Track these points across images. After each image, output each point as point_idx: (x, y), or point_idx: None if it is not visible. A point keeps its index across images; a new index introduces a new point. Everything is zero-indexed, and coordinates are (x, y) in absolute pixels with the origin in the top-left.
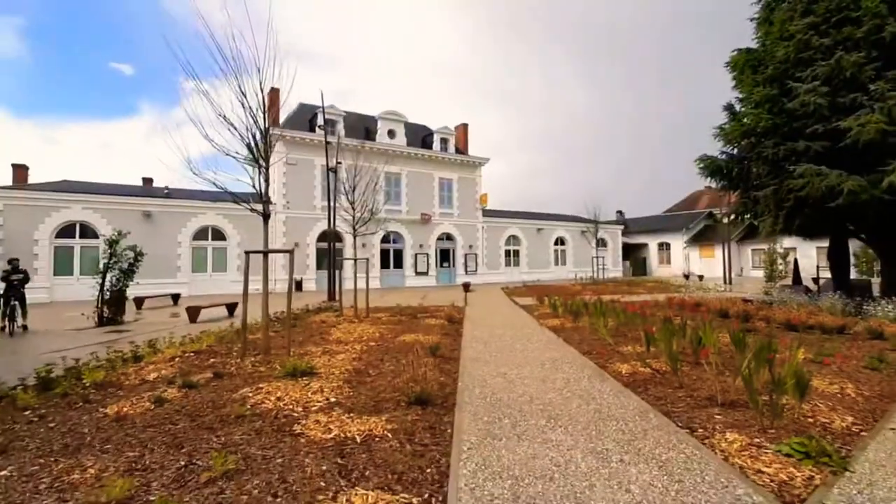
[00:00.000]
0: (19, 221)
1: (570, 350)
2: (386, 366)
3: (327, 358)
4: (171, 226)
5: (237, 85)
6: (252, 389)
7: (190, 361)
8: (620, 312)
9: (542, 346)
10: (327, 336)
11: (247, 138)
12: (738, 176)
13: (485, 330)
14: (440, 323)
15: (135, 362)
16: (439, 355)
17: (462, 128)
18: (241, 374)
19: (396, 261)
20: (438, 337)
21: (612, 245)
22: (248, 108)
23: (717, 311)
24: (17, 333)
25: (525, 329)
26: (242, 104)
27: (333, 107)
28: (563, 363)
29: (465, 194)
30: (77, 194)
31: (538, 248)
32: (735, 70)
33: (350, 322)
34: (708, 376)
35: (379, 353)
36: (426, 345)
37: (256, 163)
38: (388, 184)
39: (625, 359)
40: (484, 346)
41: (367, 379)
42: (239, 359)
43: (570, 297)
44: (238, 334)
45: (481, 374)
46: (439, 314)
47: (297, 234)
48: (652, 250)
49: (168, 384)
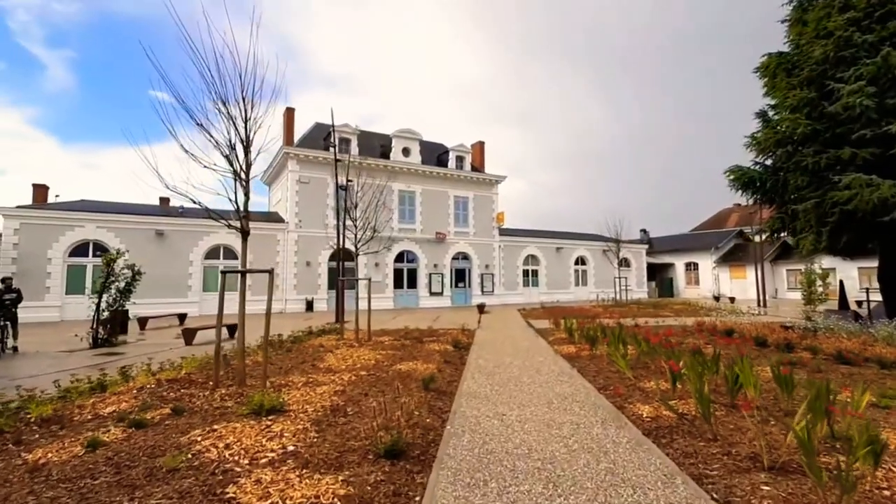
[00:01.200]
0: (34, 240)
1: (584, 384)
2: (368, 402)
3: (307, 391)
4: (183, 245)
5: (216, 92)
6: (204, 432)
7: (158, 393)
8: (642, 340)
9: (552, 379)
10: (319, 363)
11: (226, 149)
12: (774, 188)
13: (492, 357)
14: (445, 349)
15: (100, 392)
16: (433, 389)
17: (478, 146)
18: (203, 409)
19: (410, 281)
20: (438, 365)
21: (635, 265)
22: (228, 116)
23: (753, 338)
24: (6, 356)
25: (536, 357)
26: (220, 110)
27: (347, 125)
28: (574, 402)
29: (481, 213)
30: (91, 213)
31: (557, 267)
32: (766, 75)
33: (349, 346)
34: (748, 426)
35: (367, 385)
36: (422, 375)
37: (237, 176)
38: (403, 202)
39: (646, 397)
40: (486, 378)
41: (340, 420)
42: (210, 391)
43: (590, 321)
44: (224, 360)
45: (476, 415)
46: (446, 338)
47: (310, 252)
48: (679, 270)
49: (118, 422)
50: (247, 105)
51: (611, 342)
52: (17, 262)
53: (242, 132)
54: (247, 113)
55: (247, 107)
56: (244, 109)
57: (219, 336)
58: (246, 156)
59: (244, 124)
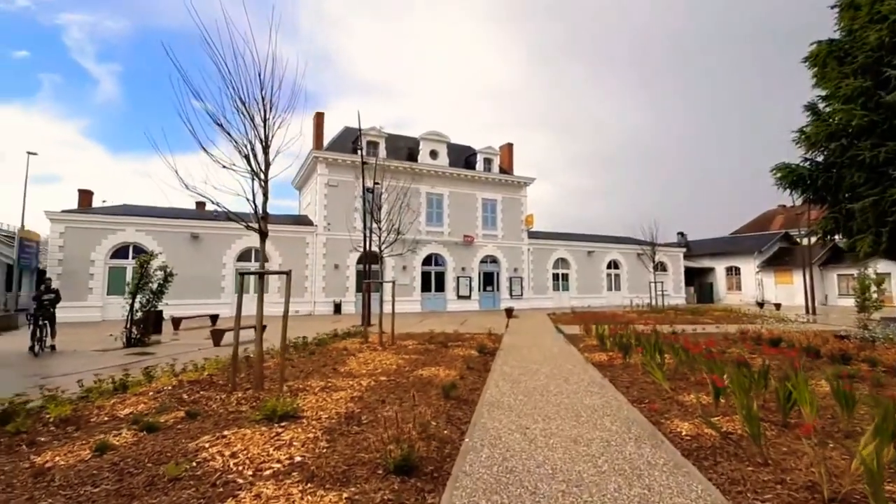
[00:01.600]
0: (78, 243)
1: (616, 396)
2: (385, 410)
3: (323, 396)
4: (216, 247)
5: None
6: (213, 438)
7: (177, 394)
8: (680, 349)
9: (582, 389)
10: (340, 367)
11: (245, 149)
12: (826, 186)
13: (518, 364)
14: (469, 354)
15: (121, 392)
16: (454, 397)
17: (507, 148)
18: (217, 413)
19: (438, 284)
20: (461, 372)
21: (672, 269)
22: (246, 115)
23: (804, 349)
24: (44, 354)
25: (565, 364)
26: (238, 109)
27: (375, 128)
28: (605, 415)
29: (509, 215)
30: (131, 217)
31: (589, 271)
32: (815, 64)
33: (373, 350)
34: (804, 449)
35: (385, 391)
36: (444, 382)
37: (256, 176)
38: (430, 205)
39: (686, 412)
40: (511, 387)
41: (353, 429)
42: (227, 394)
43: (623, 327)
44: (246, 362)
45: (497, 428)
46: (472, 343)
47: (338, 255)
48: (719, 275)
49: (132, 424)
50: (265, 105)
51: (646, 350)
52: (62, 263)
53: (262, 132)
54: (265, 112)
55: (265, 106)
56: (263, 109)
57: (237, 338)
58: (265, 155)
59: (263, 124)
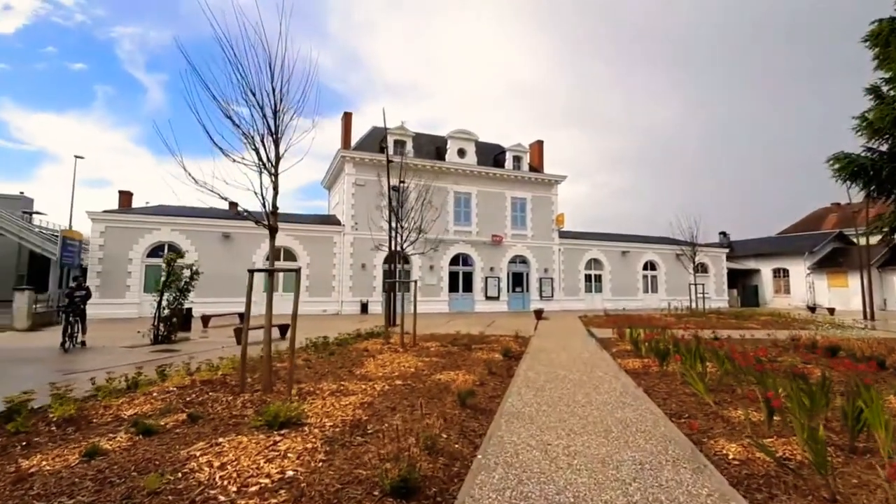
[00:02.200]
0: (117, 242)
1: (652, 409)
2: (395, 418)
3: (333, 401)
4: (246, 247)
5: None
6: (207, 445)
7: (185, 395)
8: (725, 357)
9: (613, 399)
10: (356, 369)
11: (254, 142)
12: (891, 178)
13: (544, 369)
14: (493, 357)
15: (132, 391)
16: (471, 405)
17: (537, 145)
18: (220, 417)
19: (466, 284)
20: (482, 377)
21: (714, 270)
22: (255, 106)
23: (867, 358)
24: (74, 350)
25: (596, 371)
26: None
27: (402, 127)
28: (639, 432)
29: (539, 214)
30: (166, 217)
31: (623, 272)
32: (877, 44)
33: (393, 352)
34: (877, 480)
35: (399, 396)
36: (463, 387)
37: (266, 169)
38: (458, 204)
39: (732, 432)
40: (534, 395)
41: (356, 439)
42: (235, 395)
43: (659, 332)
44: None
45: (515, 443)
46: (497, 346)
47: (365, 255)
48: (765, 277)
49: (131, 426)
50: (276, 96)
51: (685, 358)
52: (102, 262)
53: (272, 123)
54: (276, 104)
55: (276, 97)
56: (273, 100)
57: (245, 338)
58: (275, 148)
59: (273, 115)
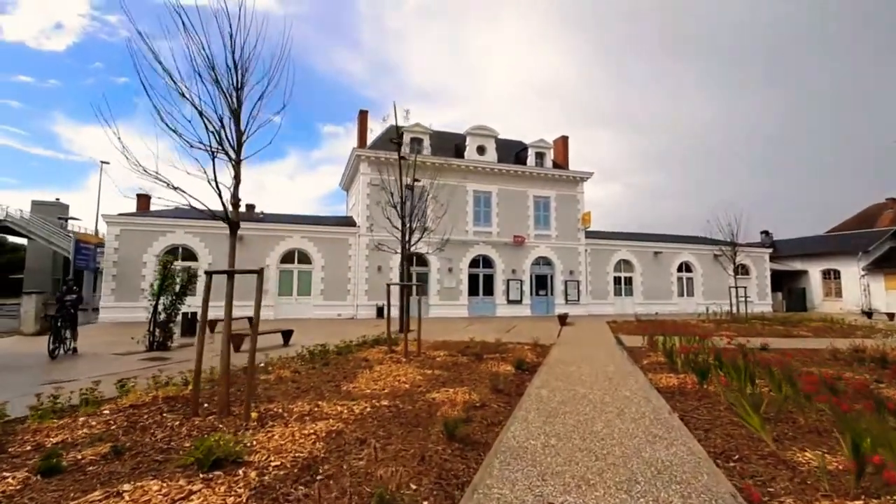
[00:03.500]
0: (132, 244)
1: (690, 445)
2: (360, 456)
3: (297, 428)
4: (260, 249)
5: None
6: (103, 495)
7: (134, 416)
8: (781, 377)
9: (641, 430)
10: (345, 383)
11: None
12: None
13: (561, 386)
14: (504, 370)
15: (76, 410)
16: (461, 437)
17: (561, 141)
18: (148, 450)
19: (486, 287)
20: (486, 395)
21: (756, 272)
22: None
23: None
24: (64, 356)
25: (621, 389)
26: (200, 74)
27: (419, 124)
28: (674, 482)
29: (564, 213)
30: (179, 219)
31: (656, 275)
32: None
33: (395, 362)
34: None
35: (377, 423)
36: (452, 414)
37: (225, 154)
38: (478, 203)
39: (804, 486)
40: (544, 422)
41: (298, 490)
42: (187, 418)
43: (698, 341)
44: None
45: (507, 499)
46: (512, 355)
47: (381, 257)
48: (814, 279)
49: (44, 460)
50: (238, 69)
51: (730, 375)
52: (117, 265)
53: (234, 101)
54: (238, 80)
55: (238, 71)
56: (235, 74)
57: (200, 350)
58: (237, 129)
59: (235, 92)
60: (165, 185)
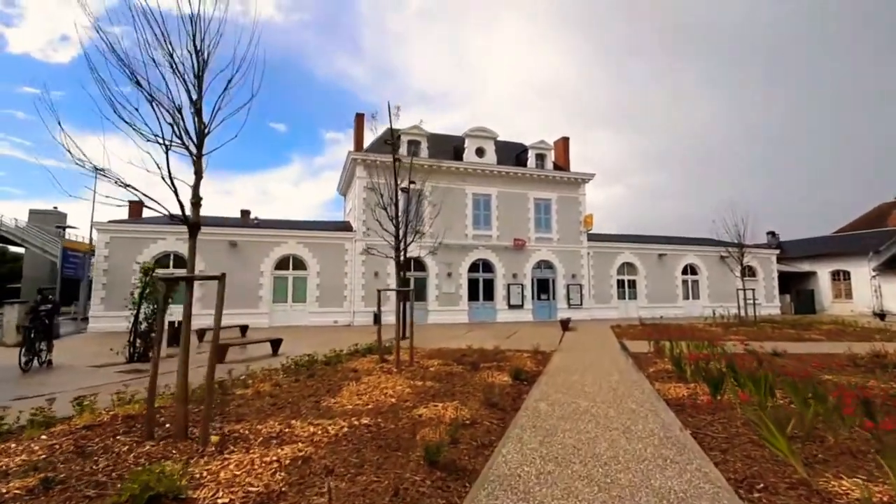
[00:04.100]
0: (122, 252)
1: (707, 470)
2: (322, 491)
3: (259, 454)
4: (255, 255)
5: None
6: None
7: (84, 439)
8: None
9: (650, 452)
10: (327, 398)
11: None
12: None
13: (561, 399)
14: (500, 381)
15: (21, 432)
16: (445, 464)
17: (562, 142)
18: (81, 485)
19: (487, 292)
20: (478, 410)
21: (763, 274)
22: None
23: None
24: (35, 369)
25: (627, 401)
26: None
27: (417, 126)
28: None
29: (565, 216)
30: (171, 226)
31: (660, 277)
32: None
33: (386, 373)
34: None
35: (352, 447)
36: (447, 425)
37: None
38: (477, 206)
39: None
40: (541, 442)
41: None
42: (138, 443)
43: (707, 347)
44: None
45: None
46: (511, 364)
47: (378, 262)
48: (822, 281)
49: None
50: (199, 56)
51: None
52: (107, 273)
53: (194, 90)
54: (199, 67)
55: (199, 58)
56: (196, 61)
57: (155, 367)
58: (198, 121)
59: (196, 80)
60: (115, 182)
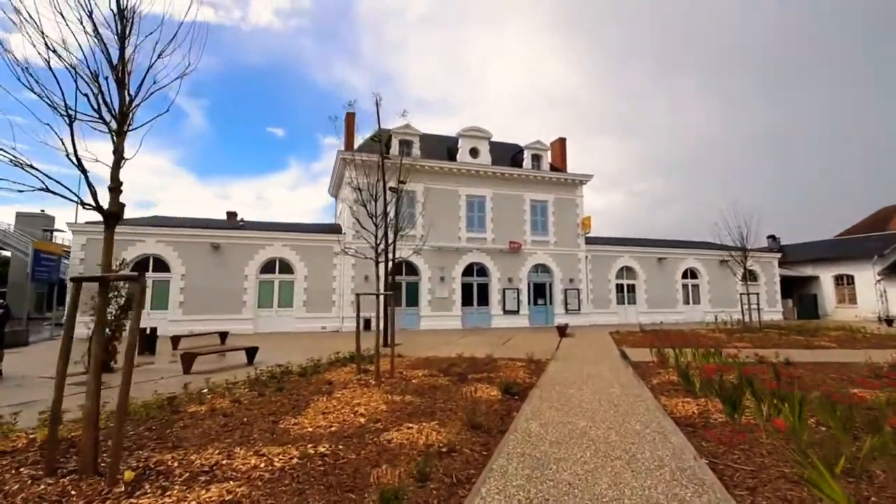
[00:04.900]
0: (99, 255)
1: None
2: None
3: (176, 497)
4: (238, 258)
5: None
6: None
7: None
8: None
9: (661, 493)
10: (289, 418)
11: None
12: None
13: (556, 417)
14: (488, 395)
15: None
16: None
17: (559, 143)
18: None
19: (481, 297)
20: (458, 433)
21: (764, 278)
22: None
23: None
24: None
25: (631, 421)
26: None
27: (409, 126)
28: None
29: (563, 218)
30: (151, 228)
31: (660, 282)
32: None
33: (362, 386)
34: None
35: (297, 485)
36: (416, 456)
37: (104, 123)
38: (471, 208)
39: None
40: (528, 477)
41: None
42: (41, 476)
43: (714, 355)
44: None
45: None
46: (502, 374)
47: (368, 266)
48: (825, 285)
49: None
50: (123, 18)
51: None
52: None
53: (115, 54)
54: (123, 29)
55: (123, 20)
56: (119, 25)
57: (59, 391)
58: (120, 93)
59: (119, 43)
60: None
